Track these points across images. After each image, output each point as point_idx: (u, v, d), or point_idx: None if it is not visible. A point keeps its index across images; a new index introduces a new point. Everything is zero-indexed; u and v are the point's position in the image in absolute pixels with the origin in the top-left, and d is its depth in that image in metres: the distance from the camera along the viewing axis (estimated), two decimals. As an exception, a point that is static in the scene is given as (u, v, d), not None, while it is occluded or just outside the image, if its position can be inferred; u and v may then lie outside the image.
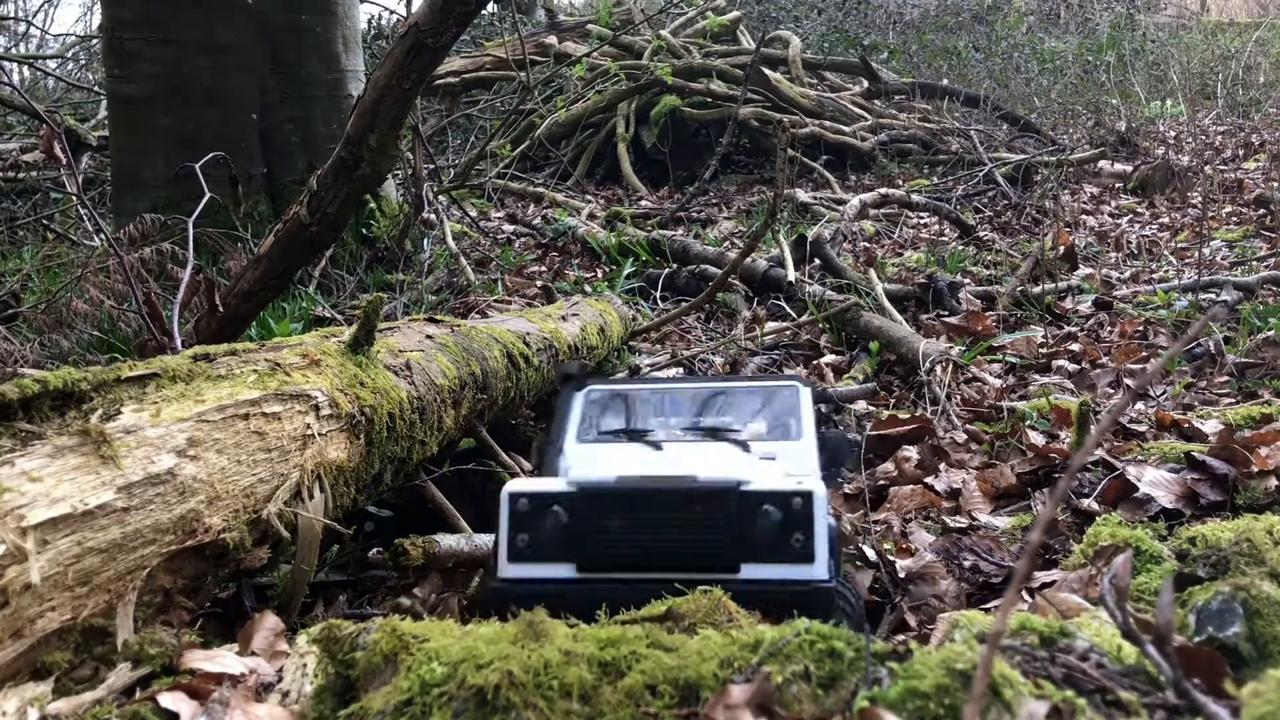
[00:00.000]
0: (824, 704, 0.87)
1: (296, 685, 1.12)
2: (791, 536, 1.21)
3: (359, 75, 4.56)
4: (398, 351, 1.92)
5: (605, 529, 1.23)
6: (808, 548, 1.21)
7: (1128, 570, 0.94)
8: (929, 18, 13.50)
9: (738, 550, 1.21)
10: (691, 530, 1.22)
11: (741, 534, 1.21)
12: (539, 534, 1.24)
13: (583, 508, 1.24)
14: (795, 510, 1.21)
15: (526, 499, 1.26)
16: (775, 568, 1.20)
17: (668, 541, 1.22)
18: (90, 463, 1.19)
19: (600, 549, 1.23)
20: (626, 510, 1.23)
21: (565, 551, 1.24)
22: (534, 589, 1.22)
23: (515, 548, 1.25)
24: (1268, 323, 3.35)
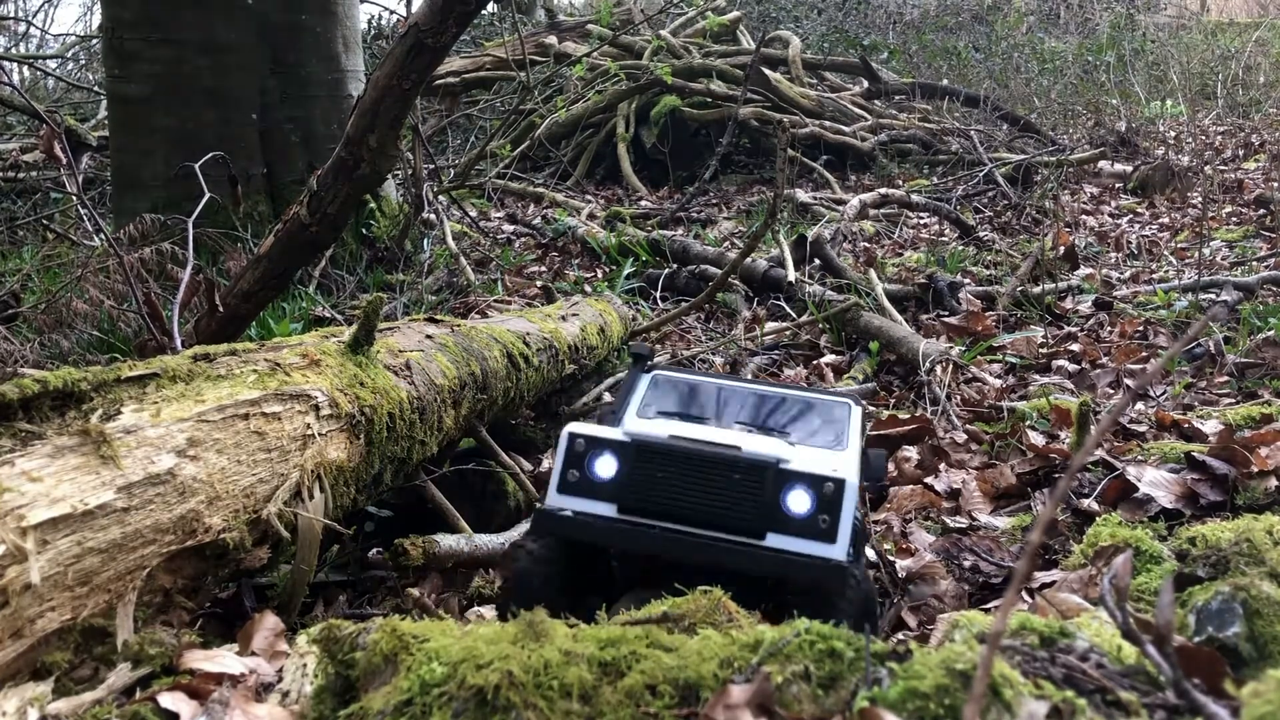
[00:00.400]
0: (824, 704, 0.87)
1: (296, 685, 1.12)
2: (819, 517, 1.30)
3: (359, 75, 4.56)
4: (398, 351, 1.92)
5: (649, 479, 1.34)
6: (832, 529, 1.30)
7: (1128, 570, 0.94)
8: (929, 18, 13.50)
9: (766, 520, 1.30)
10: (727, 495, 1.32)
11: (773, 506, 1.31)
12: (589, 473, 1.36)
13: (633, 457, 1.35)
14: (827, 494, 1.30)
15: (583, 439, 1.37)
16: (799, 541, 1.29)
17: (704, 501, 1.33)
18: (90, 463, 1.19)
19: (641, 496, 1.34)
20: (671, 466, 1.34)
21: (610, 493, 1.35)
22: (576, 519, 1.34)
23: (565, 481, 1.37)
24: (1268, 323, 3.35)
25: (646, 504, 1.33)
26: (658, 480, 1.33)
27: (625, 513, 1.34)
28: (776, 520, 1.30)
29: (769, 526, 1.30)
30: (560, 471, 1.37)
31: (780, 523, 1.30)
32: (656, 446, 1.35)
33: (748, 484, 1.32)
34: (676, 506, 1.32)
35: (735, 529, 1.30)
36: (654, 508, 1.33)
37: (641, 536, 1.32)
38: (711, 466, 1.33)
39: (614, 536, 1.33)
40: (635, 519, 1.33)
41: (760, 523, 1.30)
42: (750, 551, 1.29)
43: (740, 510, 1.31)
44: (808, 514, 1.30)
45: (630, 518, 1.33)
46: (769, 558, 1.28)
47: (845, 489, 1.30)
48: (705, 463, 1.33)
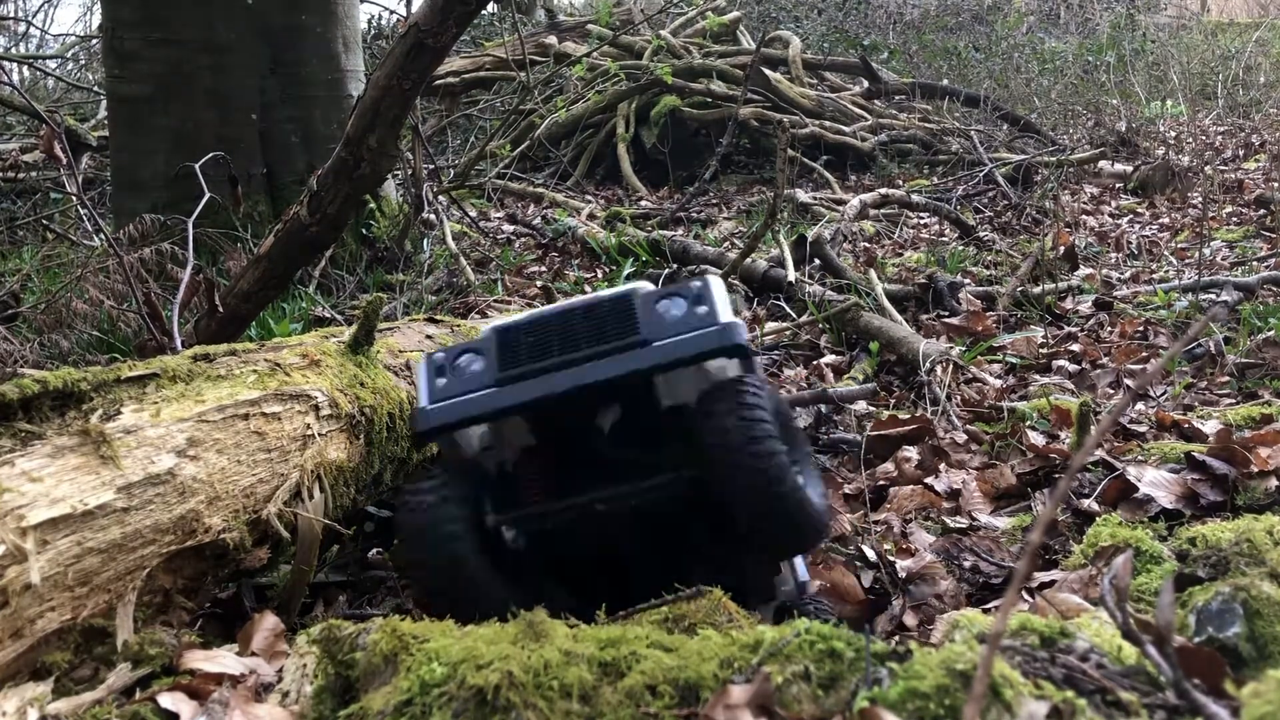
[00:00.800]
0: (824, 704, 0.87)
1: (296, 685, 1.12)
2: (694, 310, 1.27)
3: (359, 75, 4.55)
4: (398, 351, 1.92)
5: (519, 350, 1.29)
6: (711, 312, 1.27)
7: (1128, 571, 0.94)
8: (929, 18, 13.50)
9: (647, 332, 1.27)
10: (601, 330, 1.28)
11: (649, 324, 1.27)
12: (456, 376, 1.30)
13: (496, 343, 1.30)
14: (694, 291, 1.28)
15: (442, 353, 1.32)
16: (683, 336, 1.26)
17: (582, 342, 1.28)
18: (90, 463, 1.19)
19: (515, 367, 1.28)
20: (538, 332, 1.30)
21: (484, 381, 1.28)
22: (460, 401, 1.27)
23: (435, 390, 1.30)
24: (1268, 323, 3.35)
25: (521, 371, 1.27)
26: (528, 346, 1.29)
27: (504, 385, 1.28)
28: (656, 331, 1.26)
29: (652, 338, 1.26)
30: (427, 385, 1.30)
31: (660, 331, 1.26)
32: (518, 323, 1.31)
33: (618, 315, 1.28)
34: (552, 360, 1.27)
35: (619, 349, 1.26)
36: (530, 371, 1.27)
37: (526, 389, 1.25)
38: (578, 316, 1.29)
39: (497, 401, 1.25)
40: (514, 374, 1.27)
41: (642, 335, 1.26)
42: (639, 354, 1.24)
43: (619, 337, 1.26)
44: (685, 316, 1.27)
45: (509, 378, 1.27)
46: (658, 349, 1.24)
47: (710, 282, 1.29)
48: (570, 316, 1.29)
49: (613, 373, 1.24)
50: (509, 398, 1.26)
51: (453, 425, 1.28)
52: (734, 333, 1.25)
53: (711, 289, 1.29)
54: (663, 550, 1.35)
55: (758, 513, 1.20)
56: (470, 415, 1.27)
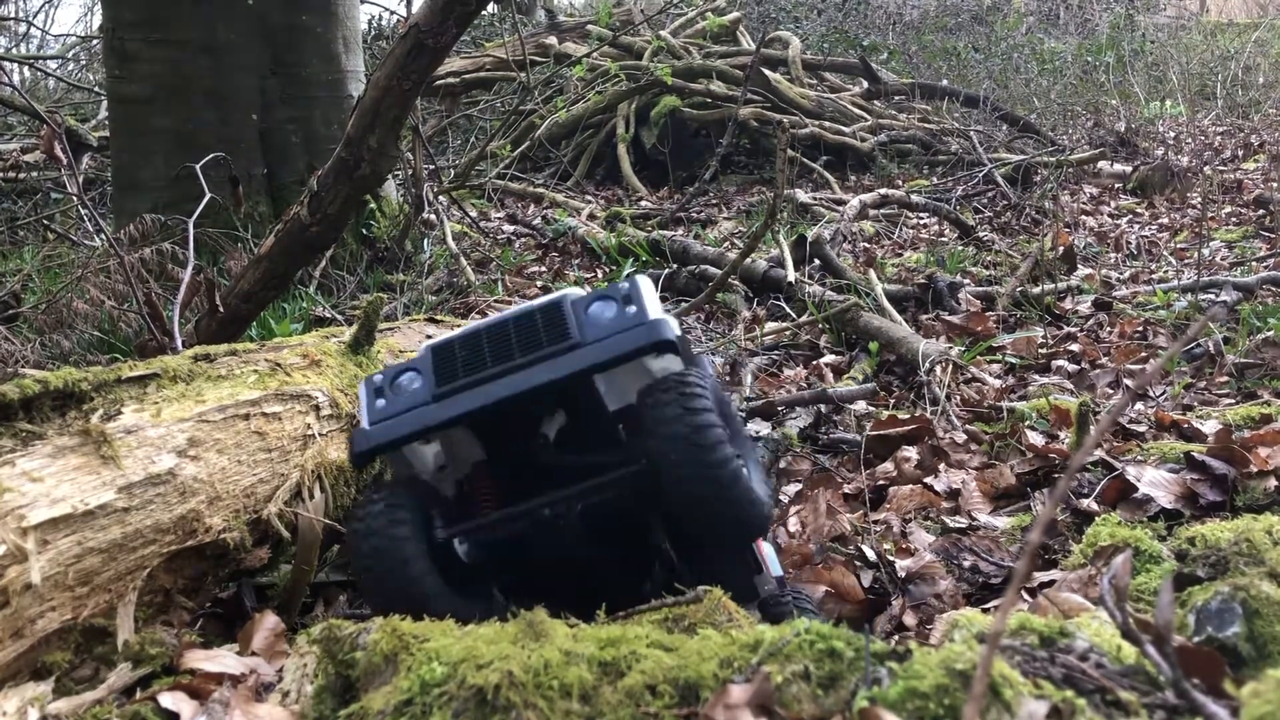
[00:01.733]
0: (824, 704, 0.88)
1: (296, 685, 1.12)
2: (624, 310, 1.28)
3: (359, 75, 4.56)
4: (398, 352, 1.92)
5: (453, 364, 1.29)
6: (641, 314, 1.28)
7: (1127, 570, 0.94)
8: (929, 18, 13.50)
9: (580, 337, 1.27)
10: (534, 339, 1.28)
11: (581, 329, 1.28)
12: (395, 396, 1.30)
13: (431, 357, 1.30)
14: (624, 293, 1.30)
15: (380, 374, 1.33)
16: (615, 337, 1.26)
17: (515, 352, 1.28)
18: (91, 463, 1.19)
19: (452, 379, 1.28)
20: (472, 346, 1.30)
21: (420, 399, 1.29)
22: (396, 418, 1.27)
23: (375, 410, 1.30)
24: (1267, 323, 3.35)
25: (458, 385, 1.27)
26: (463, 360, 1.29)
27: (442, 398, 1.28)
28: (588, 335, 1.27)
29: (584, 341, 1.26)
30: (367, 407, 1.30)
31: (593, 335, 1.27)
32: (449, 340, 1.31)
33: (551, 322, 1.28)
34: (490, 371, 1.27)
35: (553, 354, 1.26)
36: (467, 384, 1.27)
37: (463, 400, 1.25)
38: (510, 326, 1.29)
39: (435, 415, 1.25)
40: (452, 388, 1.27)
41: (573, 340, 1.26)
42: (571, 357, 1.24)
43: (552, 344, 1.27)
44: (616, 318, 1.27)
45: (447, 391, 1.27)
46: (590, 350, 1.24)
47: (638, 281, 1.30)
48: (503, 325, 1.30)
49: (547, 377, 1.24)
50: (444, 411, 1.26)
51: (390, 444, 1.27)
52: (661, 328, 1.25)
53: (640, 288, 1.30)
54: (623, 554, 1.34)
55: (701, 500, 1.19)
56: (407, 433, 1.26)
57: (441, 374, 1.29)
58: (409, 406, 1.28)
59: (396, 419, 1.27)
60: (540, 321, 1.29)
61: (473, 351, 1.29)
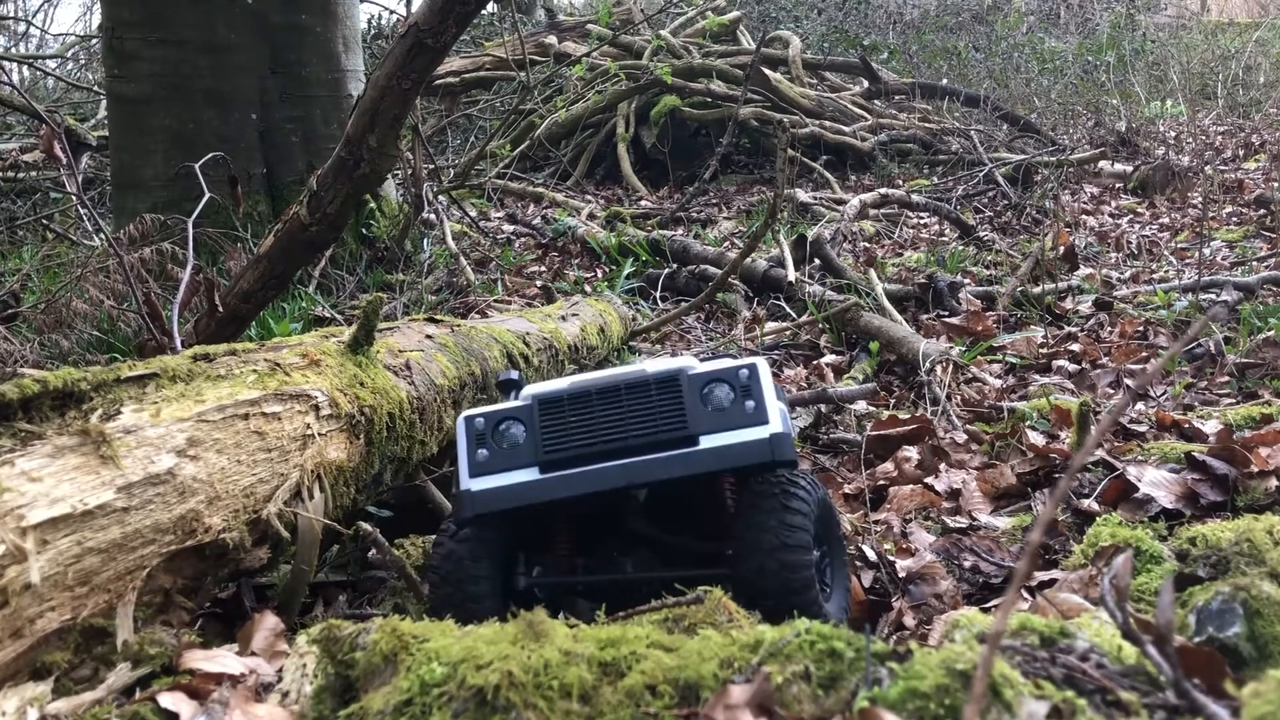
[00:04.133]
0: (824, 704, 0.87)
1: (296, 685, 1.12)
2: (744, 405, 1.27)
3: (359, 75, 4.55)
4: (398, 351, 1.92)
5: (563, 429, 1.29)
6: (760, 411, 1.27)
7: (1128, 570, 0.94)
8: (929, 18, 13.49)
9: (695, 427, 1.27)
10: (647, 418, 1.28)
11: (696, 412, 1.27)
12: (498, 447, 1.30)
13: (539, 415, 1.30)
14: (743, 380, 1.28)
15: (482, 418, 1.32)
16: (733, 434, 1.26)
17: (626, 430, 1.28)
18: (90, 463, 1.19)
19: (560, 448, 1.28)
20: (582, 409, 1.29)
21: (525, 459, 1.28)
22: (502, 489, 1.27)
23: (476, 463, 1.30)
24: (1268, 323, 3.35)
25: (567, 453, 1.27)
26: (572, 426, 1.28)
27: (548, 471, 1.27)
28: (706, 424, 1.26)
29: (700, 431, 1.26)
30: (468, 457, 1.30)
31: (708, 424, 1.26)
32: (561, 395, 1.30)
33: (665, 398, 1.28)
34: (599, 446, 1.27)
35: (667, 445, 1.26)
36: (577, 455, 1.27)
37: (574, 480, 1.25)
38: (624, 394, 1.28)
39: (545, 491, 1.26)
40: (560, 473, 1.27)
41: (689, 430, 1.26)
42: (689, 456, 1.24)
43: (666, 426, 1.26)
44: (733, 407, 1.27)
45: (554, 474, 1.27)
46: (709, 453, 1.24)
47: (758, 370, 1.29)
48: (615, 392, 1.28)
49: (662, 474, 1.24)
50: (556, 489, 1.26)
51: (498, 513, 1.28)
52: (786, 448, 1.25)
53: (760, 378, 1.29)
54: None
55: (775, 611, 1.21)
56: (515, 506, 1.27)
57: (549, 436, 1.28)
58: (514, 465, 1.28)
59: (502, 481, 1.27)
60: (655, 396, 1.28)
61: (583, 417, 1.28)
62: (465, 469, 1.30)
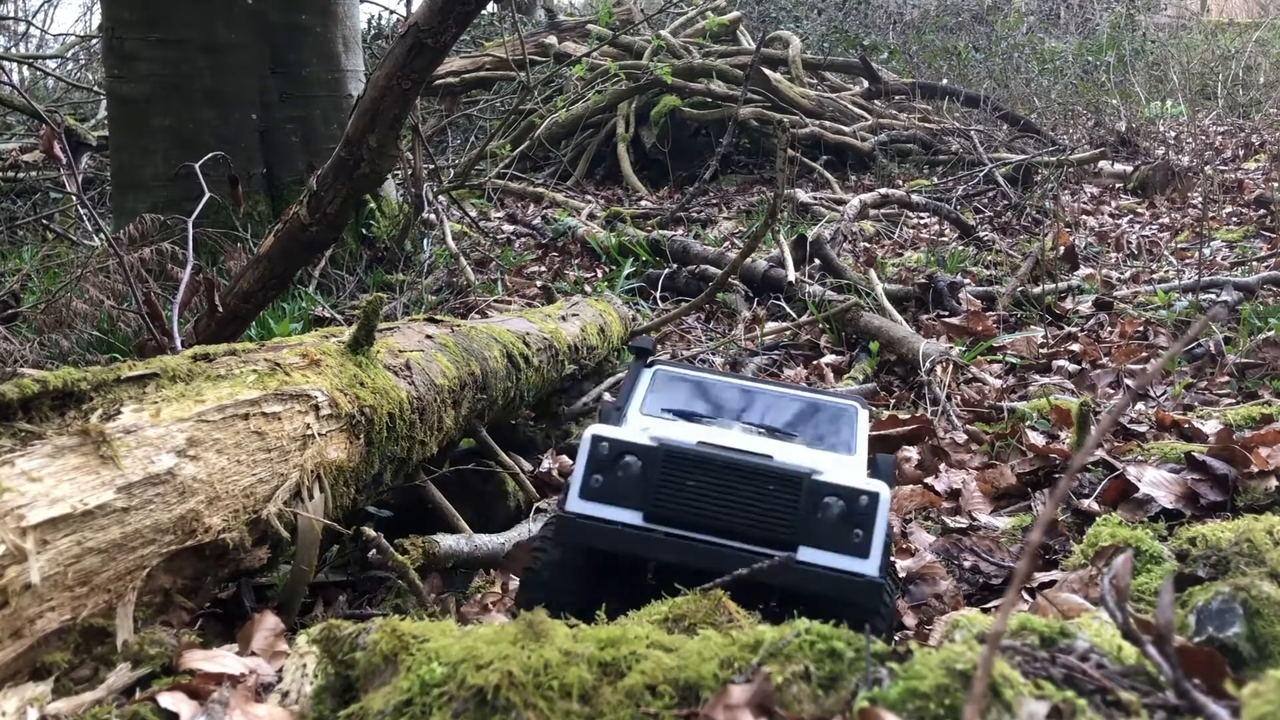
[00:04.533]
0: (824, 704, 0.87)
1: (296, 685, 1.12)
2: (852, 530, 1.28)
3: (359, 75, 4.55)
4: (398, 351, 1.91)
5: (678, 486, 1.31)
6: (865, 544, 1.28)
7: (1128, 571, 0.94)
8: (929, 18, 13.49)
9: (799, 533, 1.28)
10: (759, 505, 1.29)
11: (806, 519, 1.29)
12: (613, 478, 1.32)
13: (661, 463, 1.31)
14: (860, 506, 1.29)
15: (608, 444, 1.33)
16: (832, 556, 1.28)
17: (734, 511, 1.30)
18: (90, 463, 1.19)
19: (669, 504, 1.30)
20: (702, 474, 1.31)
21: (635, 499, 1.31)
22: (604, 526, 1.30)
23: (589, 486, 1.32)
24: (1268, 323, 3.35)
25: (675, 513, 1.30)
26: (687, 488, 1.30)
27: (652, 521, 1.30)
28: (810, 534, 1.28)
29: (802, 540, 1.28)
30: (583, 476, 1.32)
31: (814, 536, 1.28)
32: (687, 453, 1.32)
33: (781, 495, 1.29)
34: (706, 516, 1.29)
35: (768, 541, 1.28)
36: (683, 517, 1.30)
37: (671, 546, 1.28)
38: (744, 476, 1.30)
39: (643, 545, 1.29)
40: (664, 528, 1.30)
41: (793, 535, 1.28)
42: (784, 565, 1.26)
43: (773, 522, 1.28)
44: (841, 528, 1.28)
45: (658, 527, 1.30)
46: (803, 572, 1.26)
47: (879, 502, 1.29)
48: (738, 472, 1.30)
49: (748, 574, 1.25)
50: (654, 549, 1.29)
51: (592, 544, 1.32)
52: (878, 595, 1.26)
53: (879, 512, 1.29)
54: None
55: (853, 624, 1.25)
56: (609, 545, 1.30)
57: (664, 490, 1.30)
58: (621, 501, 1.31)
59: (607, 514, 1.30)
60: (773, 493, 1.30)
61: (700, 483, 1.30)
62: (577, 487, 1.33)
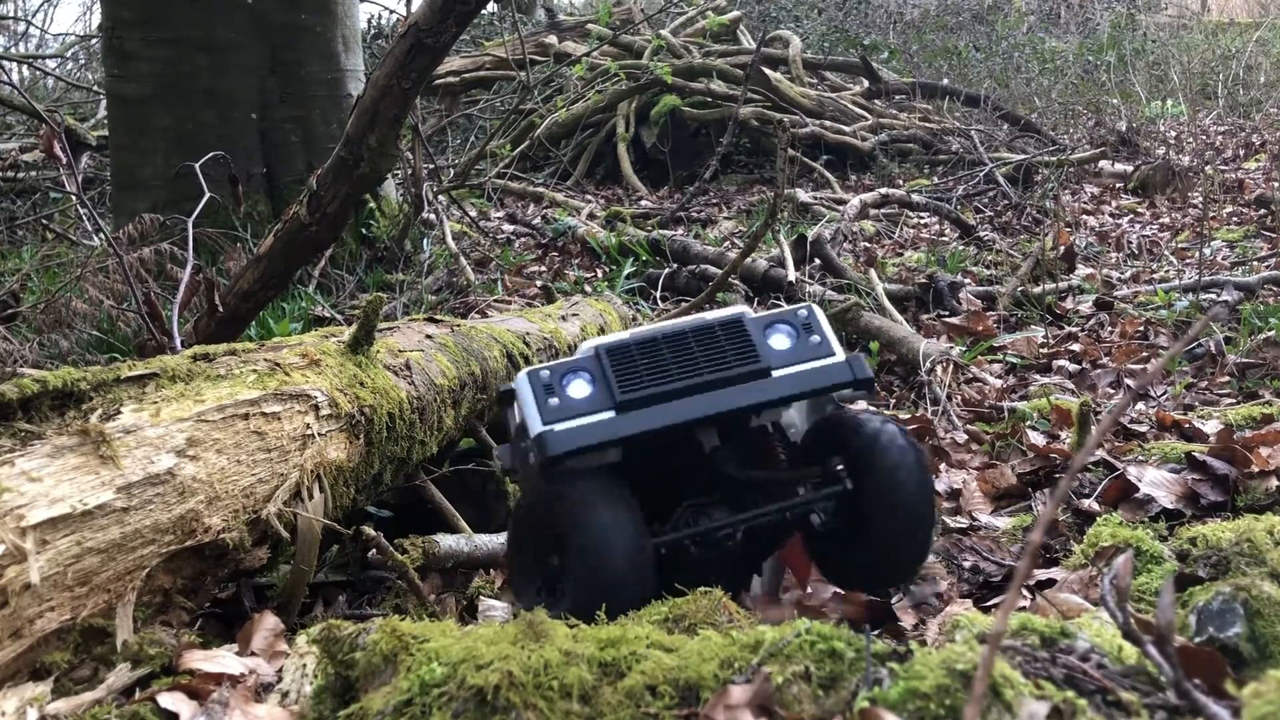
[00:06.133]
0: (824, 704, 0.87)
1: (296, 685, 1.12)
2: (808, 339, 1.32)
3: (359, 75, 4.55)
4: (397, 351, 1.91)
5: (634, 373, 1.29)
6: (826, 345, 1.32)
7: (1128, 571, 0.94)
8: (929, 17, 13.49)
9: (766, 360, 1.30)
10: (718, 354, 1.30)
11: (765, 349, 1.31)
12: (566, 397, 1.28)
13: (609, 362, 1.29)
14: (803, 320, 1.33)
15: (547, 370, 1.30)
16: (810, 366, 1.30)
17: (699, 369, 1.29)
18: (90, 463, 1.18)
19: (636, 389, 1.27)
20: (651, 354, 1.30)
21: (597, 404, 1.27)
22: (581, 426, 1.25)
23: (548, 410, 1.27)
24: (1268, 323, 3.35)
25: (643, 394, 1.27)
26: (643, 369, 1.28)
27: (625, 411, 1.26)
28: (773, 359, 1.30)
29: (771, 365, 1.29)
30: (537, 405, 1.27)
31: (778, 360, 1.30)
32: (623, 344, 1.31)
33: (731, 337, 1.31)
34: (673, 385, 1.27)
35: (742, 379, 1.28)
36: (653, 394, 1.27)
37: (656, 415, 1.25)
38: (690, 335, 1.30)
39: (627, 427, 1.24)
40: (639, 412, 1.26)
41: (761, 363, 1.29)
42: (768, 384, 1.27)
43: (738, 362, 1.29)
44: (798, 345, 1.31)
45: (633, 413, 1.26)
46: (788, 380, 1.28)
47: (814, 311, 1.34)
48: (682, 336, 1.31)
49: (742, 402, 1.26)
50: (636, 423, 1.25)
51: (585, 449, 1.26)
52: (863, 366, 1.29)
53: (818, 317, 1.33)
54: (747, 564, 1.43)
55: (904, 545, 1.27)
56: (599, 441, 1.25)
57: (622, 380, 1.28)
58: (589, 410, 1.27)
59: (580, 423, 1.26)
60: (721, 337, 1.31)
61: (654, 360, 1.29)
62: (536, 417, 1.27)
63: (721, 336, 1.31)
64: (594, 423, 1.26)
